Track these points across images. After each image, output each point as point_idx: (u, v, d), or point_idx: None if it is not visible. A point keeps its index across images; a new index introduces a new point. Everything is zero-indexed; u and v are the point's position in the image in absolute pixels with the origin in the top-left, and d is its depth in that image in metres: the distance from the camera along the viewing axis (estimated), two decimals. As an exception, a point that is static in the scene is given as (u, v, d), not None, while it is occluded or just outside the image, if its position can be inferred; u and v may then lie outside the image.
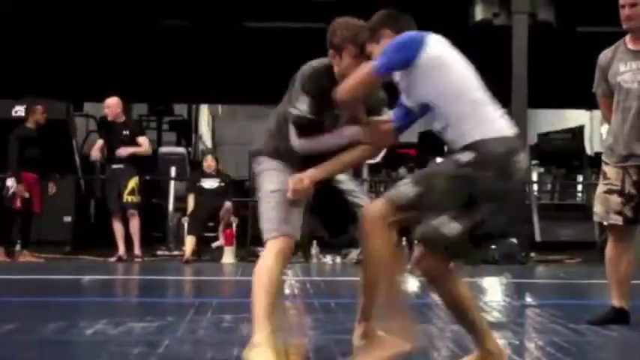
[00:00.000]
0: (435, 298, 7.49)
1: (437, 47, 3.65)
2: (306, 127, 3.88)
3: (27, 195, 9.96)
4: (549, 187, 16.54)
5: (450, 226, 3.49)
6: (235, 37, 14.08)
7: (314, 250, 10.37)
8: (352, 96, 3.60)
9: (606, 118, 5.60)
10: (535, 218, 12.86)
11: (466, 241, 3.56)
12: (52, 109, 11.33)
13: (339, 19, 4.03)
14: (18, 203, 9.90)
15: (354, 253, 10.32)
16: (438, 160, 3.34)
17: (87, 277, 8.42)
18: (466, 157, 3.52)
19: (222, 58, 13.91)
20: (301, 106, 3.86)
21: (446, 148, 14.61)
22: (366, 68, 3.57)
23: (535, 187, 15.25)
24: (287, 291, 7.48)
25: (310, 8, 13.06)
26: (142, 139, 10.40)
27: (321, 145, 3.93)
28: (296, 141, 3.94)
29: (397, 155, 15.53)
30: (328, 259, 10.38)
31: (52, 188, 10.34)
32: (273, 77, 14.99)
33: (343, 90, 3.60)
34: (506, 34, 11.81)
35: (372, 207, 3.63)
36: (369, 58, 3.75)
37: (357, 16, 3.97)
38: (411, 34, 3.64)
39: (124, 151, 10.06)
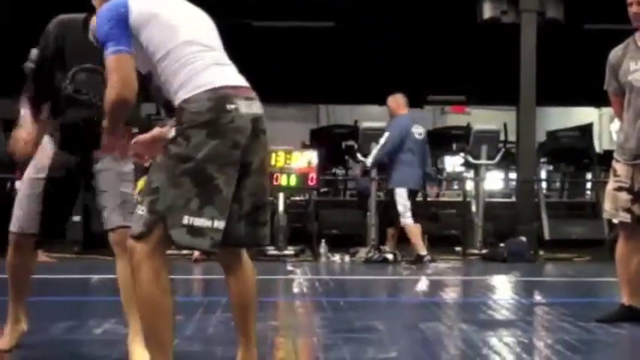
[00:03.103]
0: (445, 296, 7.51)
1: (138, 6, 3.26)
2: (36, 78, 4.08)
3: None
4: (558, 184, 16.50)
5: (200, 219, 3.07)
6: (244, 37, 14.11)
7: (322, 248, 10.36)
8: (124, 92, 3.21)
9: (618, 116, 5.60)
10: (544, 216, 12.83)
11: (236, 225, 3.20)
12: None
13: None
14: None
15: (362, 252, 10.32)
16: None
17: (96, 277, 8.43)
18: (171, 133, 3.14)
19: (230, 58, 13.89)
20: (32, 56, 4.02)
21: (454, 146, 14.64)
22: (115, 57, 3.19)
23: (544, 184, 15.22)
24: (295, 290, 7.49)
25: (318, 7, 13.06)
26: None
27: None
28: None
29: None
30: (337, 257, 10.37)
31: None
32: (281, 76, 15.04)
33: (120, 93, 3.20)
34: (514, 31, 11.78)
35: (129, 247, 3.20)
36: None
37: (364, 15, 3.94)
38: (112, 4, 3.28)
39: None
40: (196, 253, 10.22)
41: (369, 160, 10.35)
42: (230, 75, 3.25)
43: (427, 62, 14.86)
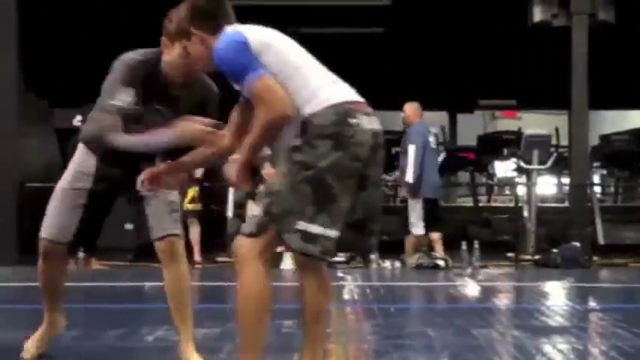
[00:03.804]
0: (497, 303, 7.44)
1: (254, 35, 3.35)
2: (131, 119, 3.81)
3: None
4: (612, 189, 16.29)
5: (314, 226, 3.17)
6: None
7: (373, 255, 10.34)
8: (285, 107, 3.24)
9: None
10: (598, 221, 12.66)
11: (347, 232, 3.27)
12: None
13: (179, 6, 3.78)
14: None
15: (413, 258, 10.28)
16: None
17: (148, 284, 8.51)
18: (296, 141, 3.23)
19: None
20: (122, 96, 3.79)
21: (505, 151, 14.56)
22: (261, 81, 3.24)
23: (597, 189, 15.04)
24: (346, 296, 7.48)
25: (367, 14, 13.07)
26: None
27: (143, 143, 3.81)
28: (119, 136, 3.82)
29: (456, 159, 15.45)
30: (387, 264, 10.34)
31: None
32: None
33: (281, 110, 3.23)
34: (565, 34, 11.67)
35: (237, 244, 3.32)
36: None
37: (413, 20, 3.93)
38: (229, 37, 3.34)
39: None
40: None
41: (409, 178, 10.15)
42: (348, 92, 3.36)
43: (477, 67, 14.78)
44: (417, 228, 10.13)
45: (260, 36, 3.35)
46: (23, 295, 3.96)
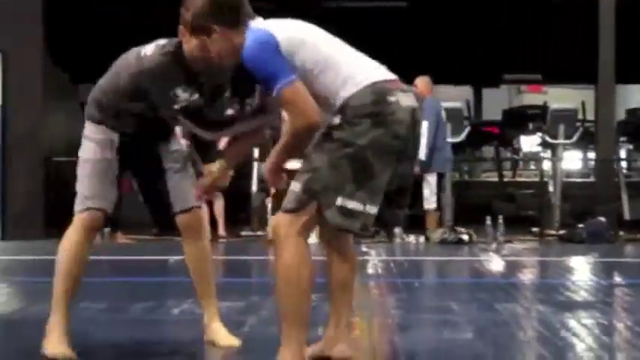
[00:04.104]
0: (522, 277, 7.43)
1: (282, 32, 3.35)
2: (198, 111, 3.77)
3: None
4: (639, 164, 16.16)
5: (353, 202, 3.22)
6: (315, 17, 14.11)
7: (397, 229, 10.34)
8: (314, 116, 3.27)
9: None
10: (624, 196, 12.56)
11: (383, 208, 3.31)
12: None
13: None
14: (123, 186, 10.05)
15: (437, 233, 10.27)
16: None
17: (173, 258, 8.56)
18: (335, 120, 3.28)
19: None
20: (181, 96, 3.73)
21: (530, 126, 14.47)
22: (290, 89, 3.24)
23: (624, 164, 14.91)
24: (370, 270, 7.49)
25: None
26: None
27: (232, 132, 3.90)
28: (205, 133, 3.87)
29: (481, 133, 15.37)
30: (411, 238, 10.33)
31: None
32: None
33: (310, 119, 3.26)
34: (592, 7, 11.54)
35: (275, 221, 3.38)
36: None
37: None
38: (260, 38, 3.32)
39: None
40: (271, 234, 10.31)
41: (422, 155, 10.16)
42: (383, 70, 3.39)
43: (502, 40, 14.66)
44: (430, 202, 10.26)
45: (291, 33, 3.34)
46: (51, 269, 3.96)
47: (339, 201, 3.22)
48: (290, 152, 3.43)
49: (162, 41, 3.87)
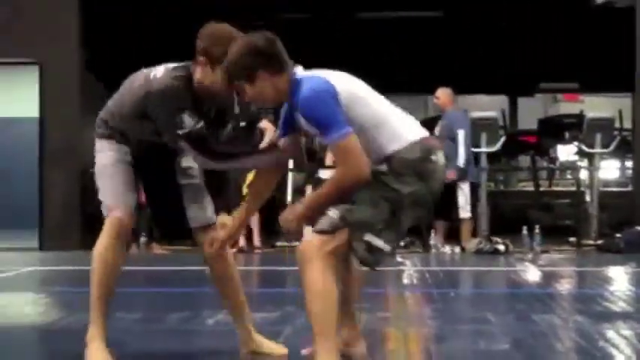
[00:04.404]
0: (559, 288, 7.36)
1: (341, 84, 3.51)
2: (201, 139, 3.79)
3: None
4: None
5: (379, 241, 3.49)
6: (349, 28, 14.13)
7: (432, 240, 10.30)
8: (365, 170, 3.44)
9: None
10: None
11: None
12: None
13: (218, 26, 3.82)
14: (142, 197, 10.14)
15: (473, 243, 10.21)
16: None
17: (209, 269, 8.58)
18: (382, 167, 3.52)
19: (337, 49, 13.97)
20: (186, 122, 3.73)
21: (567, 135, 14.31)
22: (345, 141, 3.39)
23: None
24: (405, 281, 7.46)
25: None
26: (265, 123, 10.35)
27: (237, 165, 4.02)
28: (197, 158, 3.87)
29: (517, 143, 15.29)
30: (447, 249, 10.28)
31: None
32: (391, 66, 15.00)
33: (361, 172, 3.43)
34: (629, 15, 11.44)
35: (304, 241, 3.54)
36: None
37: (473, 3, 3.93)
38: (320, 86, 3.46)
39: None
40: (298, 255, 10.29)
41: (461, 162, 10.17)
42: (419, 127, 3.66)
43: (538, 49, 14.59)
44: (465, 211, 10.24)
45: (347, 86, 3.51)
46: (88, 279, 3.98)
47: (368, 237, 3.47)
48: (329, 201, 3.52)
49: (171, 65, 3.91)
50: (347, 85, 3.52)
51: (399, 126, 3.56)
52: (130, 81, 3.98)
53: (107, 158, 3.98)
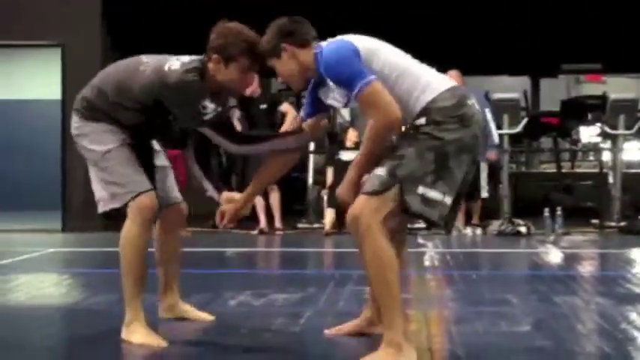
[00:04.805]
0: (581, 270, 7.34)
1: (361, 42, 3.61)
2: (224, 123, 3.93)
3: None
4: None
5: (433, 192, 3.46)
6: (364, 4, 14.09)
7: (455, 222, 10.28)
8: (396, 112, 3.49)
9: None
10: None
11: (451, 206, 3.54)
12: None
13: (231, 25, 3.91)
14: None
15: (495, 225, 10.19)
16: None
17: (230, 250, 8.64)
18: (421, 120, 3.52)
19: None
20: (209, 107, 3.83)
21: (589, 116, 14.24)
22: (371, 87, 3.46)
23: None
24: (427, 263, 7.46)
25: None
26: (286, 106, 10.37)
27: (262, 149, 4.04)
28: (231, 146, 3.97)
29: (539, 124, 15.20)
30: (468, 230, 10.26)
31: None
32: (416, 44, 14.94)
33: (392, 114, 3.47)
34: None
35: (357, 205, 3.47)
36: (260, 71, 3.87)
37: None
38: (340, 45, 3.58)
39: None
40: (327, 227, 10.32)
41: (496, 139, 10.23)
42: (447, 78, 3.68)
43: (561, 30, 14.47)
44: (485, 191, 10.29)
45: (367, 44, 3.58)
46: (111, 260, 4.01)
47: (421, 189, 3.43)
48: (372, 159, 3.57)
49: (185, 58, 3.96)
50: (366, 42, 3.59)
51: (429, 77, 3.59)
52: (131, 67, 4.05)
53: (109, 141, 4.06)
